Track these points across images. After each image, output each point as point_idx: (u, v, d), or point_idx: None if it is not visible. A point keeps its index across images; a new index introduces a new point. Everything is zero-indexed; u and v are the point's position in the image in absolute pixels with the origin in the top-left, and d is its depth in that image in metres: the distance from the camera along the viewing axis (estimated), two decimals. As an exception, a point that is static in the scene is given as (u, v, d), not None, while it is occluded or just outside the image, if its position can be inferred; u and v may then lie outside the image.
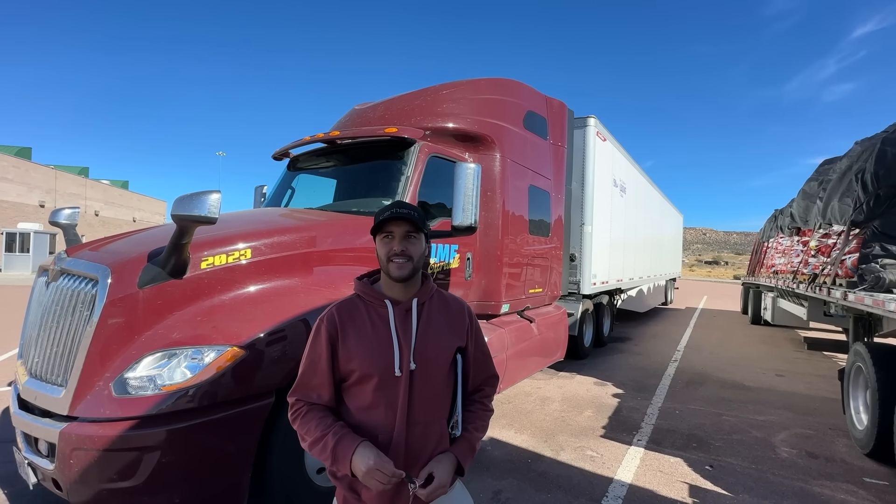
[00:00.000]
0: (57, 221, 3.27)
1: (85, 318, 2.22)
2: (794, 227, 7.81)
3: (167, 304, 2.32)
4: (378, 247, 1.29)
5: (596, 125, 7.11)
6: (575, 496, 3.07)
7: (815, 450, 3.98)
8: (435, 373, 1.28)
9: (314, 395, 1.26)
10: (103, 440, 2.03)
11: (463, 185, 3.47)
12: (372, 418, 1.22)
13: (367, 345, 1.24)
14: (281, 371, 2.39)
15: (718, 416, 4.79)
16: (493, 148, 4.51)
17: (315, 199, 4.32)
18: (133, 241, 2.67)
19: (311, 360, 1.26)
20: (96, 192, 39.73)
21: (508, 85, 5.01)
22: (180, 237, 2.21)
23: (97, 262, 2.32)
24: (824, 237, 5.96)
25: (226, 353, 2.23)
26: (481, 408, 1.40)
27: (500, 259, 4.53)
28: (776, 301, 9.41)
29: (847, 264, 4.71)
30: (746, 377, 6.46)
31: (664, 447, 3.94)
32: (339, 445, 1.15)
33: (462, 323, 1.37)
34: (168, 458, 2.08)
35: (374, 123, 4.40)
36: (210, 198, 2.11)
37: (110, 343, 2.20)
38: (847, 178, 4.90)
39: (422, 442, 1.23)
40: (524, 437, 4.04)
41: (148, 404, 2.10)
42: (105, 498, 2.07)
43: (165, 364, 2.18)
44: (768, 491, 3.23)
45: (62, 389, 2.19)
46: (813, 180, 6.68)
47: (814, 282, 5.83)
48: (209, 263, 2.46)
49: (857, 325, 5.11)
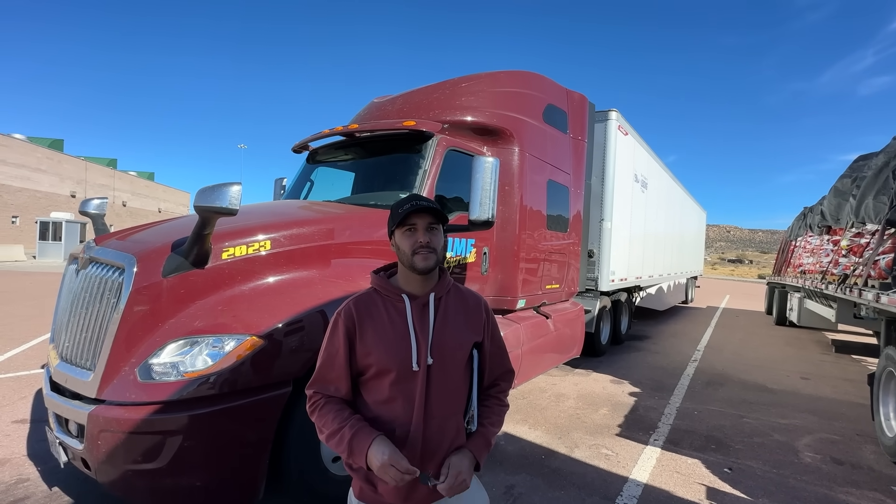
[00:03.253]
0: (86, 211, 3.39)
1: (112, 305, 2.30)
2: (824, 226, 7.53)
3: (189, 293, 2.38)
4: (399, 240, 1.28)
5: (618, 119, 6.96)
6: (589, 494, 3.05)
7: (840, 456, 3.86)
8: (452, 368, 1.27)
9: (332, 389, 1.27)
10: (129, 423, 2.11)
11: (481, 178, 3.44)
12: (389, 412, 1.23)
13: (384, 339, 1.24)
14: (298, 361, 2.43)
15: (739, 418, 4.68)
16: (511, 142, 4.47)
17: (334, 192, 4.36)
18: (158, 232, 2.74)
19: (328, 353, 1.28)
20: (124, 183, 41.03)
21: (528, 77, 4.93)
22: (202, 228, 2.26)
23: (124, 252, 2.39)
24: (857, 236, 5.72)
25: (245, 343, 2.28)
26: (497, 403, 1.40)
27: (517, 254, 4.50)
28: (803, 302, 9.11)
29: (881, 265, 4.52)
30: (769, 379, 6.28)
31: (682, 448, 3.87)
32: (355, 439, 1.17)
33: (479, 318, 1.37)
34: (190, 443, 2.15)
35: (392, 117, 4.40)
36: (231, 190, 2.15)
37: (136, 330, 2.27)
38: (884, 175, 4.70)
39: (439, 436, 1.23)
40: (538, 433, 4.03)
41: (171, 390, 2.16)
42: (131, 478, 2.15)
43: (188, 351, 2.24)
44: (790, 496, 3.14)
45: (91, 373, 2.28)
46: (846, 177, 6.42)
47: (844, 282, 5.62)
48: (230, 254, 2.51)
49: (889, 329, 4.90)
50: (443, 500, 1.24)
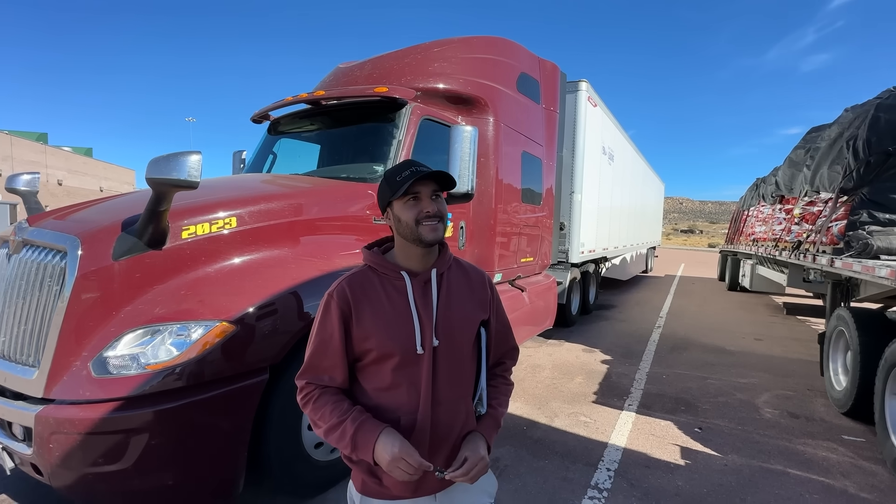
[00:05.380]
0: (15, 188, 2.98)
1: (55, 294, 2.03)
2: (777, 195, 7.91)
3: (146, 276, 2.14)
4: (400, 211, 1.14)
5: (588, 90, 6.91)
6: (572, 461, 3.11)
7: (795, 410, 4.14)
8: (459, 349, 1.17)
9: (325, 378, 1.14)
10: (85, 423, 1.89)
11: (459, 149, 3.29)
12: (393, 400, 1.12)
13: (384, 322, 1.12)
14: (275, 346, 2.26)
15: (703, 379, 4.92)
16: (486, 111, 4.31)
17: (298, 165, 4.07)
18: (103, 210, 2.43)
19: (320, 339, 1.14)
20: (57, 159, 37.44)
21: (502, 44, 4.75)
22: (157, 204, 2.00)
23: (65, 232, 2.10)
24: (809, 205, 6.03)
25: (215, 329, 2.08)
26: (503, 382, 1.32)
27: (494, 228, 4.42)
28: (755, 268, 9.66)
29: (833, 231, 4.78)
30: (727, 342, 6.66)
31: (654, 411, 4.03)
32: (359, 433, 1.05)
33: (484, 294, 1.26)
34: (157, 440, 1.96)
35: (361, 83, 4.11)
36: (190, 159, 1.90)
37: (85, 319, 2.02)
38: (837, 145, 4.91)
39: (448, 423, 1.14)
40: (518, 405, 4.07)
41: (132, 384, 1.95)
42: (91, 482, 1.95)
43: (149, 341, 2.03)
44: (755, 451, 3.33)
45: (35, 370, 2.02)
46: (800, 148, 6.71)
47: (798, 249, 5.95)
48: (191, 233, 2.27)
49: (834, 291, 5.26)
50: (453, 486, 1.16)
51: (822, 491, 2.83)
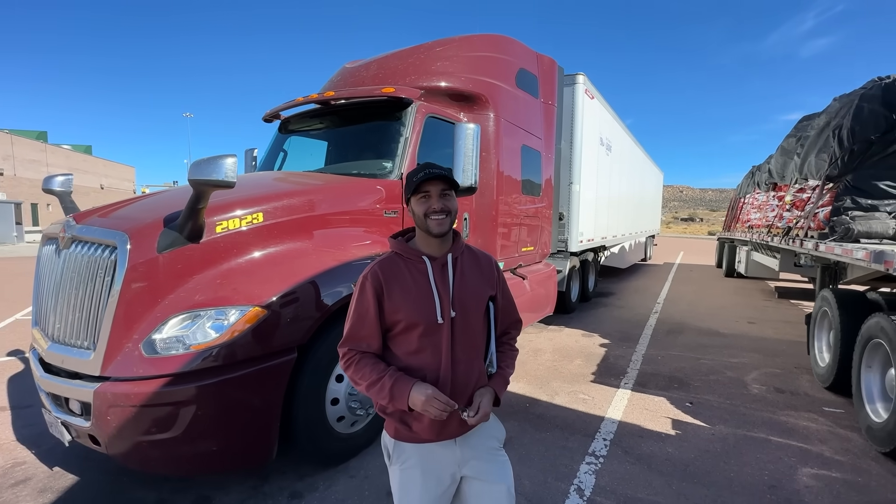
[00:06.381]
0: (51, 189, 3.22)
1: (107, 284, 2.27)
2: (770, 183, 8.12)
3: (186, 267, 2.38)
4: (414, 206, 1.38)
5: (585, 83, 7.09)
6: (571, 433, 3.38)
7: (781, 386, 4.40)
8: (472, 319, 1.41)
9: (364, 345, 1.39)
10: (139, 397, 2.15)
11: (463, 145, 3.52)
12: (419, 361, 1.36)
13: (410, 297, 1.36)
14: (301, 329, 2.51)
15: (696, 360, 5.19)
16: (487, 107, 4.52)
17: (308, 162, 4.29)
18: (143, 207, 2.67)
19: (359, 313, 1.38)
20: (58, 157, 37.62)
21: (501, 41, 4.94)
22: (197, 202, 2.24)
23: (113, 229, 2.34)
24: (799, 192, 6.25)
25: (248, 314, 2.33)
26: (509, 348, 1.57)
27: (496, 219, 4.65)
28: (750, 254, 9.90)
29: (820, 217, 5.00)
30: (721, 325, 6.92)
31: (649, 388, 4.29)
32: (395, 386, 1.30)
33: (492, 274, 1.50)
34: (202, 412, 2.22)
35: (368, 83, 4.32)
36: (227, 162, 2.13)
37: (134, 306, 2.26)
38: (825, 134, 5.11)
39: (465, 379, 1.38)
40: (521, 385, 4.33)
41: (178, 363, 2.20)
42: (145, 449, 2.21)
43: (191, 325, 2.27)
44: (741, 422, 3.60)
45: (91, 352, 2.27)
46: (791, 136, 6.90)
47: (787, 234, 6.17)
48: (224, 228, 2.51)
49: (823, 274, 5.50)
50: (469, 432, 1.41)
51: (799, 454, 3.10)
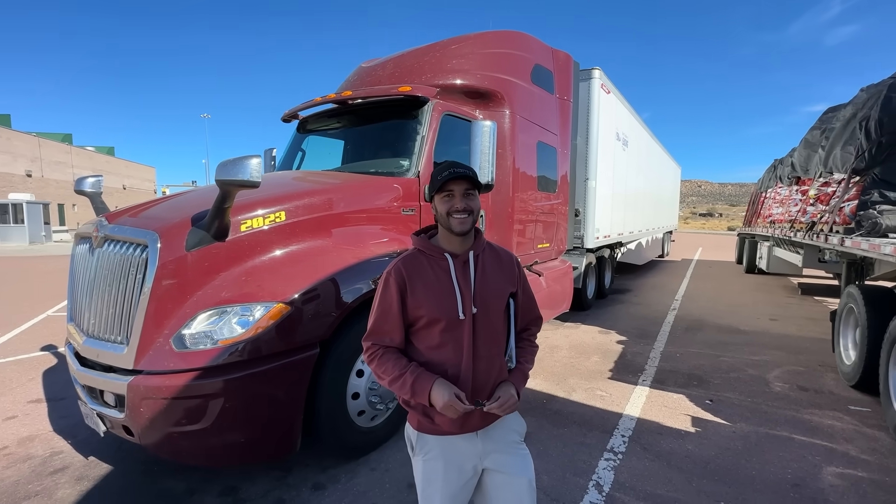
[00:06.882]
0: (82, 190, 3.34)
1: (139, 282, 2.36)
2: (793, 177, 7.92)
3: (213, 265, 2.46)
4: (437, 204, 1.41)
5: (601, 77, 7.01)
6: (589, 429, 3.38)
7: (805, 384, 4.32)
8: (493, 315, 1.44)
9: (387, 339, 1.42)
10: (170, 389, 2.23)
11: (479, 143, 3.53)
12: (441, 356, 1.40)
13: (433, 293, 1.39)
14: (323, 325, 2.57)
15: (716, 357, 5.12)
16: (502, 104, 4.52)
17: (326, 161, 4.36)
18: (171, 207, 2.76)
19: (382, 309, 1.42)
20: (82, 159, 38.76)
21: (516, 38, 4.93)
22: (223, 201, 2.31)
23: (144, 228, 2.43)
24: (824, 185, 6.09)
25: (272, 310, 2.39)
26: (529, 344, 1.59)
27: (512, 216, 4.66)
28: (772, 250, 9.68)
29: (846, 211, 4.88)
30: (742, 322, 6.80)
31: (667, 386, 4.26)
32: (417, 382, 1.34)
33: (512, 272, 1.53)
34: (229, 404, 2.29)
35: (384, 82, 4.37)
36: (251, 162, 2.20)
37: (165, 303, 2.35)
38: (851, 126, 4.97)
39: (486, 373, 1.41)
40: (538, 382, 4.34)
41: (206, 357, 2.28)
42: (176, 440, 2.30)
43: (218, 321, 2.35)
44: (763, 420, 3.55)
45: (124, 347, 2.37)
46: (816, 129, 6.73)
47: (811, 229, 6.03)
48: (248, 226, 2.58)
49: (849, 270, 5.36)
50: (490, 425, 1.44)
51: (824, 454, 3.05)
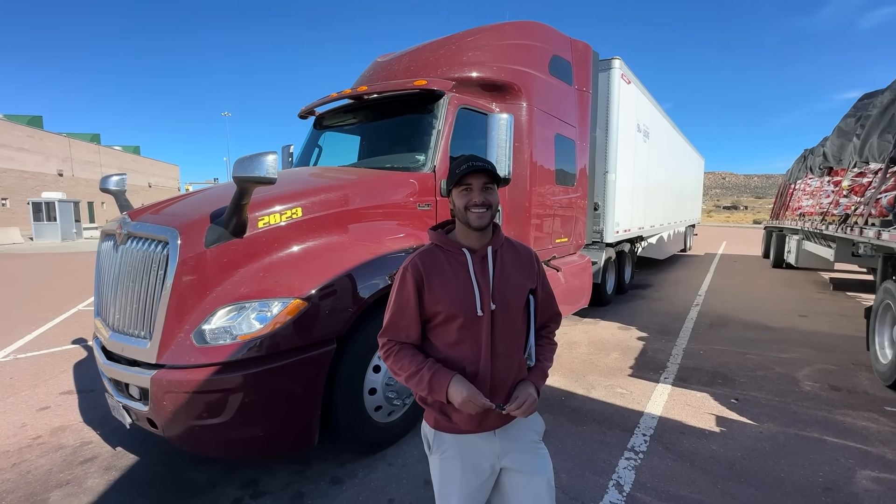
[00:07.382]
0: (107, 188, 3.42)
1: (160, 277, 2.40)
2: (825, 167, 7.59)
3: (232, 261, 2.48)
4: (455, 199, 1.38)
5: (621, 67, 6.83)
6: (609, 427, 3.31)
7: (837, 383, 4.15)
8: (512, 312, 1.40)
9: (403, 335, 1.40)
10: (192, 383, 2.27)
11: (496, 136, 3.48)
12: (459, 353, 1.37)
13: (450, 289, 1.36)
14: (340, 320, 2.57)
15: (742, 354, 4.96)
16: (519, 97, 4.44)
17: (342, 157, 4.37)
18: (191, 204, 2.80)
19: (399, 304, 1.40)
20: (110, 158, 40.05)
21: (533, 28, 4.83)
22: (241, 198, 2.33)
23: (165, 225, 2.47)
24: (858, 176, 5.81)
25: (290, 306, 2.41)
26: (548, 342, 1.54)
27: (529, 210, 4.59)
28: (801, 243, 9.32)
29: (882, 203, 4.64)
30: (769, 318, 6.57)
31: (690, 384, 4.15)
32: (434, 379, 1.31)
33: (532, 267, 1.48)
34: (248, 399, 2.32)
35: (400, 76, 4.34)
36: (268, 159, 2.20)
37: (185, 298, 2.39)
38: (889, 113, 4.73)
39: (504, 371, 1.38)
40: (556, 378, 4.28)
41: (226, 352, 2.31)
42: (198, 432, 2.34)
43: (237, 316, 2.38)
44: (792, 420, 3.42)
45: (148, 341, 2.42)
46: (850, 117, 6.42)
47: (845, 222, 5.77)
48: (265, 223, 2.60)
49: (885, 264, 5.10)
50: (508, 424, 1.41)
51: (858, 456, 2.92)
